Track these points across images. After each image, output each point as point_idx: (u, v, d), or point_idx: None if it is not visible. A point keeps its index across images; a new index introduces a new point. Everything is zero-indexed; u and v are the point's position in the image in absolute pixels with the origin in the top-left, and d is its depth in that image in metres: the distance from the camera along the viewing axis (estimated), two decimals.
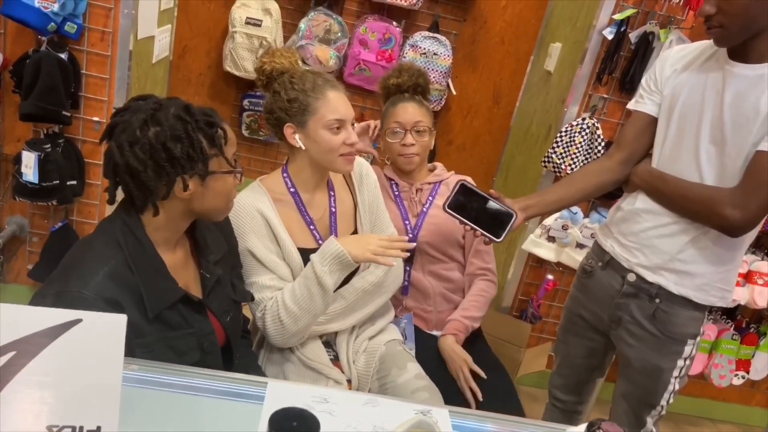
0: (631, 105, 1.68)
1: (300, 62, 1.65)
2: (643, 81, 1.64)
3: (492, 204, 1.55)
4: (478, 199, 1.55)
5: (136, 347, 1.16)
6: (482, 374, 1.71)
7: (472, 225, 1.54)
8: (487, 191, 1.56)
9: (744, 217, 1.42)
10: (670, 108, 1.55)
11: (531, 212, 1.64)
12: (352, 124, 1.58)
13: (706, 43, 1.53)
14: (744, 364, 2.73)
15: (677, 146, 1.53)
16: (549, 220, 2.53)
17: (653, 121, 1.60)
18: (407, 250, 1.85)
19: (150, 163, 1.15)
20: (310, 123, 1.53)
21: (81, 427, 0.76)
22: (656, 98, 1.59)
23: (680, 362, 1.63)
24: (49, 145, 2.27)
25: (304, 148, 1.57)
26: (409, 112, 1.85)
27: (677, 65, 1.55)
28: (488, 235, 1.54)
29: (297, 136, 1.56)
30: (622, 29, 2.35)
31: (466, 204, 1.55)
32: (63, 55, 2.21)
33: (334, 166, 1.59)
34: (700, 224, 1.50)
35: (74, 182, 2.37)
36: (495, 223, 1.54)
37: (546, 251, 2.56)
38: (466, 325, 1.82)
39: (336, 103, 1.54)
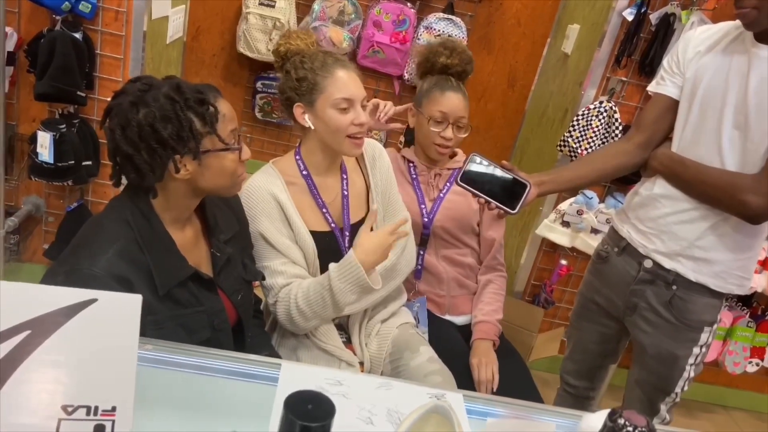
0: (651, 87, 1.64)
1: (316, 44, 1.63)
2: (664, 62, 1.61)
3: (505, 175, 1.52)
4: (491, 172, 1.52)
5: (146, 324, 1.16)
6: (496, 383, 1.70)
7: (486, 197, 1.51)
8: (500, 162, 1.53)
9: (766, 204, 1.39)
10: (692, 91, 1.51)
11: (545, 188, 1.61)
12: (364, 105, 1.56)
13: (731, 25, 1.48)
14: (758, 352, 2.71)
15: (699, 130, 1.49)
16: (564, 205, 2.50)
17: (674, 104, 1.56)
18: (422, 234, 1.87)
19: (142, 146, 1.14)
20: (319, 102, 1.52)
21: (96, 407, 0.76)
22: (678, 80, 1.55)
23: (696, 350, 1.62)
24: (64, 126, 2.28)
25: (312, 128, 1.55)
26: (456, 104, 1.81)
27: (701, 47, 1.51)
28: (503, 207, 1.50)
29: (306, 116, 1.54)
30: (643, 10, 2.31)
31: (478, 177, 1.52)
32: (77, 35, 2.21)
33: (342, 148, 1.56)
34: (720, 211, 1.48)
35: (89, 162, 2.38)
36: (509, 194, 1.51)
37: (560, 236, 2.54)
38: (499, 329, 1.83)
39: (344, 82, 1.51)
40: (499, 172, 1.52)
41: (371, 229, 1.59)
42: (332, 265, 1.51)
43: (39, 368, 0.76)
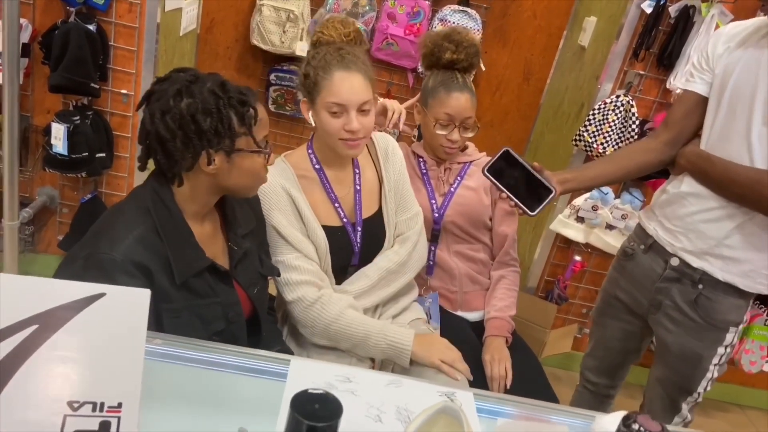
0: (680, 84, 1.63)
1: (355, 33, 1.57)
2: (694, 59, 1.59)
3: (532, 176, 1.51)
4: (519, 169, 1.51)
5: (163, 312, 1.18)
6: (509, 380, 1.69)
7: (509, 193, 1.50)
8: (531, 163, 1.52)
9: None
10: (721, 87, 1.48)
11: (568, 186, 1.61)
12: (364, 110, 1.49)
13: (764, 20, 1.45)
14: None
15: (728, 127, 1.46)
16: (579, 200, 2.48)
17: (703, 101, 1.53)
18: (433, 230, 1.85)
19: (179, 134, 1.16)
20: (318, 101, 1.50)
21: (102, 404, 0.76)
22: (707, 77, 1.52)
23: (720, 350, 1.59)
24: (78, 117, 2.29)
25: (314, 124, 1.55)
26: (462, 105, 1.76)
27: (731, 42, 1.48)
28: (522, 206, 1.49)
29: (310, 113, 1.54)
30: (662, 2, 2.27)
31: (506, 171, 1.51)
32: (91, 27, 2.22)
33: (336, 149, 1.54)
34: (747, 209, 1.45)
35: (103, 154, 2.39)
36: (532, 195, 1.50)
37: (574, 232, 2.51)
38: (512, 325, 1.81)
39: (339, 86, 1.46)
40: (527, 172, 1.50)
41: None
42: (387, 328, 1.52)
43: (46, 363, 0.76)
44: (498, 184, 1.51)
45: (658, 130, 1.66)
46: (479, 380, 1.63)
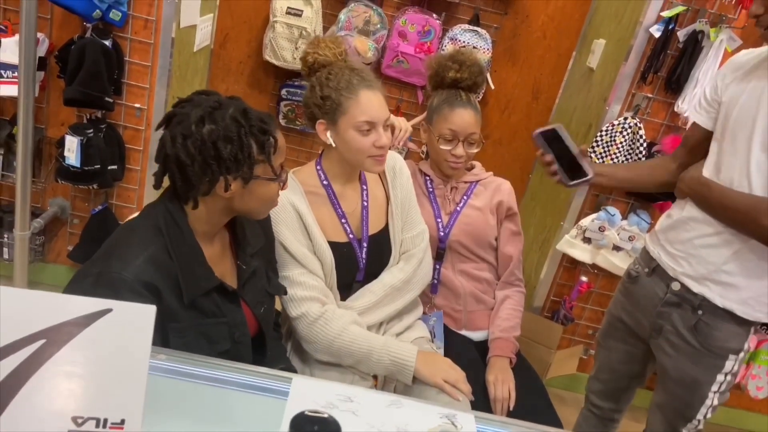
0: (690, 113, 1.65)
1: (345, 54, 1.62)
2: (706, 89, 1.61)
3: (574, 157, 1.58)
4: (565, 146, 1.58)
5: (169, 332, 1.19)
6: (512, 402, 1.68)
7: (553, 157, 1.58)
8: (578, 146, 1.59)
9: None
10: (726, 114, 1.50)
11: (600, 180, 1.68)
12: (386, 126, 1.55)
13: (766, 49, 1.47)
14: None
15: (730, 153, 1.47)
16: (585, 221, 2.47)
17: (709, 134, 1.57)
18: (438, 248, 1.86)
19: (198, 159, 1.17)
20: (341, 122, 1.52)
21: (105, 420, 0.77)
22: (713, 112, 1.56)
23: (720, 377, 1.58)
24: (91, 130, 2.32)
25: (334, 145, 1.56)
26: (466, 121, 1.79)
27: (739, 71, 1.51)
28: (564, 174, 1.58)
29: (328, 133, 1.55)
30: (671, 27, 2.28)
31: (553, 143, 1.59)
32: (107, 42, 2.25)
33: (364, 166, 1.58)
34: (744, 237, 1.45)
35: (115, 167, 2.42)
36: (572, 170, 1.58)
37: (581, 252, 2.51)
38: (517, 346, 1.81)
39: (368, 105, 1.51)
40: (573, 150, 1.58)
41: None
42: (391, 344, 1.53)
43: (51, 378, 0.77)
44: (546, 146, 1.58)
45: (677, 151, 1.71)
46: (482, 401, 1.63)
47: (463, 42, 3.07)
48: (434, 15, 3.09)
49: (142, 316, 0.84)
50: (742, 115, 1.45)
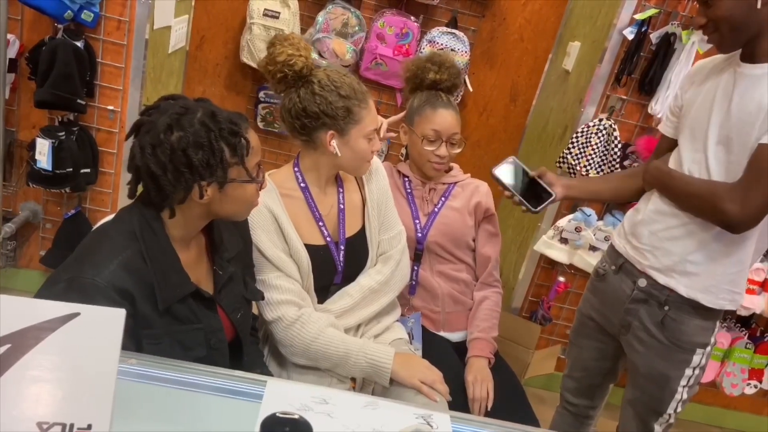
0: (661, 126, 1.72)
1: (316, 56, 1.63)
2: (670, 98, 1.67)
3: (534, 181, 1.65)
4: (522, 175, 1.66)
5: (143, 338, 1.17)
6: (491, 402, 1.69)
7: (513, 191, 1.63)
8: (533, 170, 1.66)
9: (743, 212, 1.39)
10: (685, 114, 1.57)
11: (571, 193, 1.72)
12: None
13: (721, 57, 1.54)
14: (757, 374, 2.68)
15: (690, 149, 1.53)
16: (562, 222, 2.49)
17: (674, 142, 1.62)
18: (416, 249, 1.86)
19: (170, 167, 1.15)
20: (353, 131, 1.53)
21: (72, 425, 0.75)
22: (676, 120, 1.63)
23: (688, 371, 1.61)
24: (63, 133, 2.28)
25: (339, 154, 1.55)
26: (449, 121, 1.80)
27: (697, 77, 1.58)
28: (526, 203, 1.61)
29: (335, 143, 1.54)
30: (643, 29, 2.31)
31: (511, 176, 1.65)
32: (79, 44, 2.22)
33: (360, 171, 1.62)
34: (705, 227, 1.49)
35: (88, 170, 2.38)
36: (535, 196, 1.63)
37: (558, 253, 2.52)
38: (495, 346, 1.82)
39: (374, 113, 1.57)
40: (529, 177, 1.65)
41: None
42: (367, 346, 1.52)
43: (17, 383, 0.76)
44: (504, 183, 1.64)
45: (651, 158, 1.74)
46: (460, 401, 1.63)
47: (442, 44, 3.08)
48: (412, 18, 3.09)
49: (111, 320, 0.83)
50: (699, 113, 1.52)
